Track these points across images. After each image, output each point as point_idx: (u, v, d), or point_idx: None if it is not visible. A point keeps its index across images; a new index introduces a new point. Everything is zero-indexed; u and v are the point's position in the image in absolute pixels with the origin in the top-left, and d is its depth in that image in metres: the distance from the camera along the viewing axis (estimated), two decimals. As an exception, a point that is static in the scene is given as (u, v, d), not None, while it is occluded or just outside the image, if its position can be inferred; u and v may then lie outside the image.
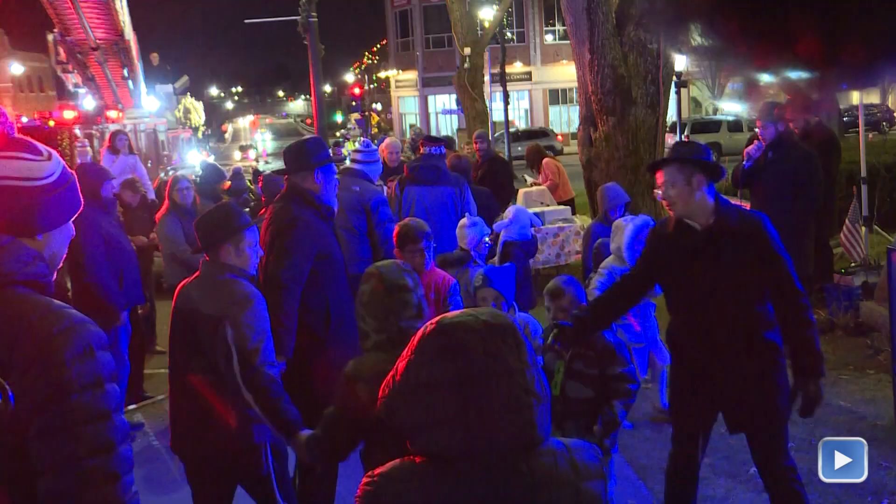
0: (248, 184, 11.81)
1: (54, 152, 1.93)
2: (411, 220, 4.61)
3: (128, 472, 1.78)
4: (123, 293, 6.16)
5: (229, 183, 8.80)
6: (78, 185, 1.98)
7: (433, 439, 1.65)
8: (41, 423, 1.70)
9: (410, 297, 2.82)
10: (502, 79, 26.44)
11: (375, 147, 6.24)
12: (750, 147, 7.31)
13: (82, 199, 2.00)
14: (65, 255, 1.99)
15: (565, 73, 40.88)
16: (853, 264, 8.43)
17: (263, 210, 6.25)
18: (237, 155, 35.44)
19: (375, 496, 1.69)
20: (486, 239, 5.63)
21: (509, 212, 6.86)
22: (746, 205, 8.31)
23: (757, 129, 7.42)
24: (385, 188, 7.04)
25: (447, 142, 9.15)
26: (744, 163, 7.25)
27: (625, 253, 5.53)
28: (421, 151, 6.81)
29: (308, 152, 4.33)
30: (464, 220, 5.61)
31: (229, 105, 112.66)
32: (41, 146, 1.91)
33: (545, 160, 11.86)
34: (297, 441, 3.16)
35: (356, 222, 5.60)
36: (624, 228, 5.63)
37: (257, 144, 40.93)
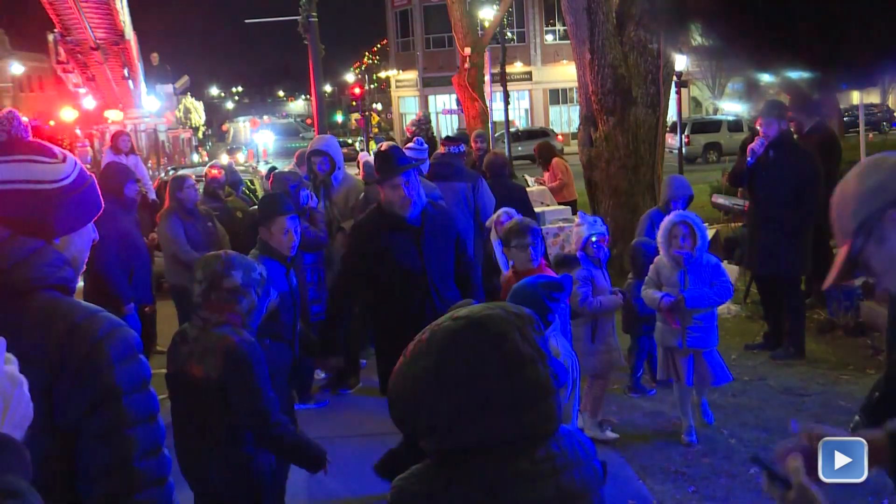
0: (248, 183, 11.81)
1: (70, 154, 1.90)
2: (518, 217, 4.60)
3: (170, 474, 1.80)
4: (132, 289, 6.28)
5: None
6: (98, 186, 1.95)
7: (474, 432, 1.65)
8: (92, 427, 1.69)
9: (228, 287, 3.25)
10: (503, 79, 26.41)
11: (425, 147, 6.94)
12: (753, 143, 7.30)
13: (103, 202, 1.96)
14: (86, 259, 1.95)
15: (565, 73, 40.87)
16: (853, 264, 8.41)
17: None
18: (224, 158, 34.87)
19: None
20: (593, 238, 5.50)
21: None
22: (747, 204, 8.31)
23: (758, 127, 7.41)
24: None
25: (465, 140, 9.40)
26: (747, 160, 7.25)
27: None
28: (442, 150, 7.36)
29: (389, 159, 4.55)
30: (575, 219, 5.66)
31: (229, 105, 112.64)
32: (56, 148, 1.88)
33: (555, 159, 11.84)
34: None
35: None
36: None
37: (257, 145, 40.88)
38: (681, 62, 17.02)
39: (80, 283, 6.38)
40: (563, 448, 1.73)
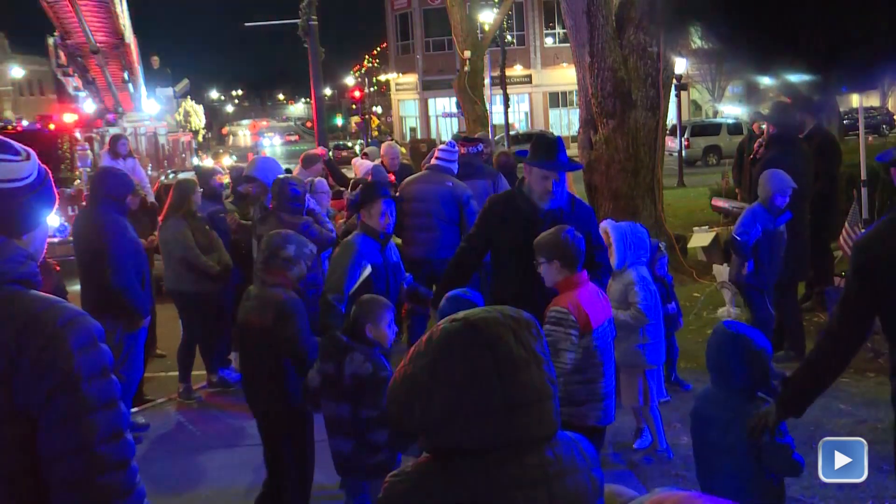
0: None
1: (31, 151, 1.92)
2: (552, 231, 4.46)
3: (133, 459, 1.84)
4: (146, 296, 6.15)
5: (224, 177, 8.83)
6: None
7: (465, 433, 1.66)
8: (52, 414, 1.73)
9: (283, 257, 4.25)
10: (502, 82, 26.47)
11: (456, 149, 7.30)
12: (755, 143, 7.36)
13: (57, 197, 2.00)
14: (44, 255, 2.00)
15: (565, 76, 40.93)
16: (853, 267, 8.41)
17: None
18: (209, 163, 34.43)
19: (401, 499, 1.72)
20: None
21: None
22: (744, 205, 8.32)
23: (762, 127, 7.48)
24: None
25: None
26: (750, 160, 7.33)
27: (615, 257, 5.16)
28: (462, 151, 7.67)
29: (552, 149, 4.65)
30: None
31: (229, 108, 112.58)
32: (18, 146, 1.90)
33: None
34: None
35: (449, 213, 6.61)
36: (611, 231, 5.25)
37: (258, 148, 40.92)
38: (680, 65, 17.07)
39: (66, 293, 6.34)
40: (558, 455, 1.73)
